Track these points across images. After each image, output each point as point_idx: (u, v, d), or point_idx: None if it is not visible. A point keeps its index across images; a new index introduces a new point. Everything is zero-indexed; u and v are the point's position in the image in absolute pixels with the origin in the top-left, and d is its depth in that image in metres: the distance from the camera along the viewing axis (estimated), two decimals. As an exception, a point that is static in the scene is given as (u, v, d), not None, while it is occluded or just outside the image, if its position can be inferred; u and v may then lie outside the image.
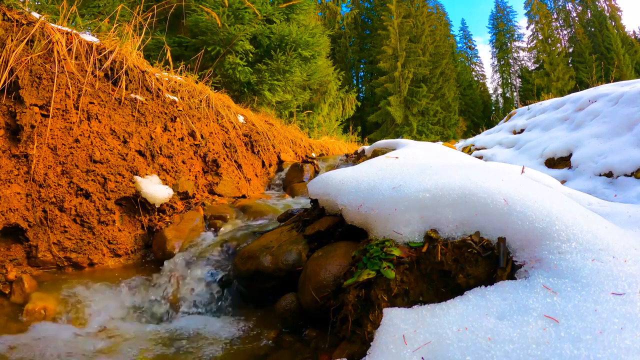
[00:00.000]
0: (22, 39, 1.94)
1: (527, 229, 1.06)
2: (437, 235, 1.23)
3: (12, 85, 1.88)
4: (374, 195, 1.44)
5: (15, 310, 1.61)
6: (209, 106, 3.26)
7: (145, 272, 1.98)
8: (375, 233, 1.36)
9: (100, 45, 2.37)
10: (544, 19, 33.00)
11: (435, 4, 33.98)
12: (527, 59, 36.65)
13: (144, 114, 2.47)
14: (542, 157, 4.17)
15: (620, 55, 26.64)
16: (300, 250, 1.69)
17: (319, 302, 1.37)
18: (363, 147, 4.47)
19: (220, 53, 4.63)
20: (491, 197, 1.18)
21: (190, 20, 4.62)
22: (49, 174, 1.93)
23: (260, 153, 3.76)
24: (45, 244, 1.88)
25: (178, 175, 2.57)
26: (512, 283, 0.99)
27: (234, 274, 1.80)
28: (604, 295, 0.84)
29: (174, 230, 2.17)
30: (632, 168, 3.00)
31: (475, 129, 24.29)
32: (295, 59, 5.36)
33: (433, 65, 26.53)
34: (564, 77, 27.75)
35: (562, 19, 34.94)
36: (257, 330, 1.53)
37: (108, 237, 2.09)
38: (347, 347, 1.16)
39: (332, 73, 10.25)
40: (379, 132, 24.27)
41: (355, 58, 30.59)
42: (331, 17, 22.09)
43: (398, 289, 1.18)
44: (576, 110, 4.59)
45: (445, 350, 0.84)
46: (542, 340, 0.78)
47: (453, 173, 1.43)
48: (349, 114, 11.65)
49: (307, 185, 1.98)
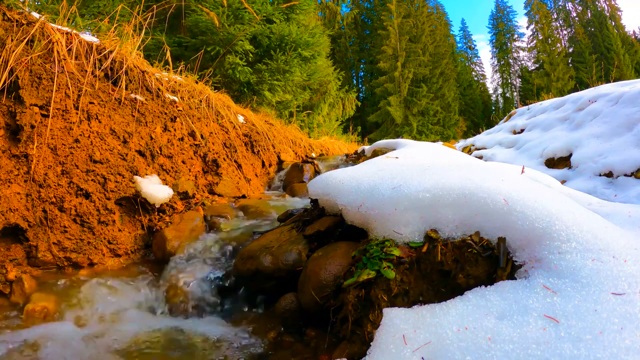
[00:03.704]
0: (22, 39, 1.94)
1: (527, 229, 1.06)
2: (437, 235, 1.23)
3: (12, 85, 1.88)
4: (374, 195, 1.43)
5: (15, 311, 1.61)
6: (209, 106, 3.26)
7: (145, 272, 1.98)
8: (375, 233, 1.36)
9: (100, 45, 2.37)
10: (544, 19, 33.00)
11: (435, 4, 34.03)
12: (527, 59, 36.70)
13: (144, 114, 2.47)
14: (542, 157, 4.17)
15: (620, 55, 26.64)
16: (300, 250, 1.69)
17: (319, 302, 1.37)
18: (363, 147, 4.47)
19: (220, 53, 4.63)
20: (491, 197, 1.18)
21: (190, 20, 4.62)
22: (49, 174, 1.93)
23: (260, 153, 3.76)
24: (45, 244, 1.88)
25: (178, 175, 2.57)
26: (512, 283, 0.99)
27: (234, 274, 1.80)
28: (604, 295, 0.84)
29: (174, 230, 2.17)
30: (632, 168, 3.00)
31: (475, 129, 24.30)
32: (295, 59, 5.36)
33: (433, 65, 26.52)
34: (564, 77, 27.76)
35: (562, 19, 34.94)
36: (257, 330, 1.53)
37: (108, 237, 2.09)
38: (347, 347, 1.16)
39: (332, 73, 10.25)
40: (379, 132, 24.27)
41: (355, 58, 30.58)
42: (331, 17, 22.09)
43: (398, 289, 1.18)
44: (576, 110, 4.59)
45: (445, 350, 0.84)
46: (542, 340, 0.78)
47: (453, 173, 1.43)
48: (349, 114, 11.65)
49: (307, 185, 1.98)
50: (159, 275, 1.92)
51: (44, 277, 1.84)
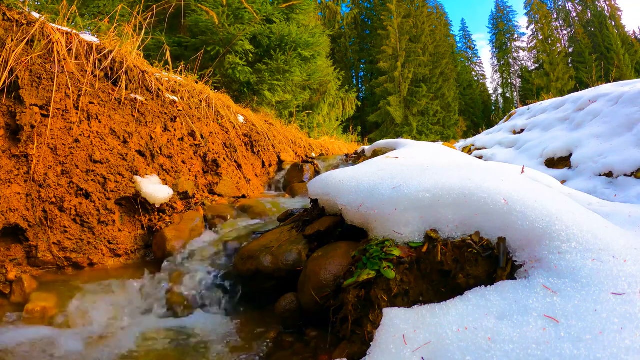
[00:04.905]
0: (22, 39, 1.94)
1: (527, 229, 1.06)
2: (437, 235, 1.23)
3: (12, 85, 1.88)
4: (374, 195, 1.43)
5: (15, 311, 1.61)
6: (209, 106, 3.26)
7: (146, 272, 1.97)
8: (375, 233, 1.36)
9: (100, 45, 2.37)
10: (544, 19, 33.00)
11: (435, 4, 34.02)
12: (527, 59, 36.69)
13: (144, 114, 2.47)
14: (542, 157, 4.17)
15: (620, 55, 26.63)
16: (300, 250, 1.69)
17: (319, 302, 1.37)
18: (363, 147, 4.48)
19: (220, 53, 4.63)
20: (491, 197, 1.18)
21: (190, 20, 4.62)
22: (49, 174, 1.93)
23: (260, 153, 3.76)
24: (45, 244, 1.88)
25: (178, 175, 2.57)
26: (512, 283, 0.99)
27: (234, 273, 1.80)
28: (604, 295, 0.84)
29: (174, 230, 2.17)
30: (632, 168, 3.00)
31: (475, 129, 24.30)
32: (295, 59, 5.36)
33: (433, 65, 26.52)
34: (564, 77, 27.76)
35: (562, 19, 34.94)
36: (257, 330, 1.53)
37: (108, 237, 2.09)
38: (347, 347, 1.16)
39: (332, 73, 10.25)
40: (379, 132, 24.27)
41: (355, 58, 30.57)
42: (331, 17, 22.10)
43: (398, 289, 1.18)
44: (576, 110, 4.59)
45: (445, 350, 0.84)
46: (542, 340, 0.78)
47: (453, 173, 1.43)
48: (349, 114, 11.65)
49: (307, 185, 1.98)
50: (159, 275, 1.92)
51: (44, 277, 1.84)
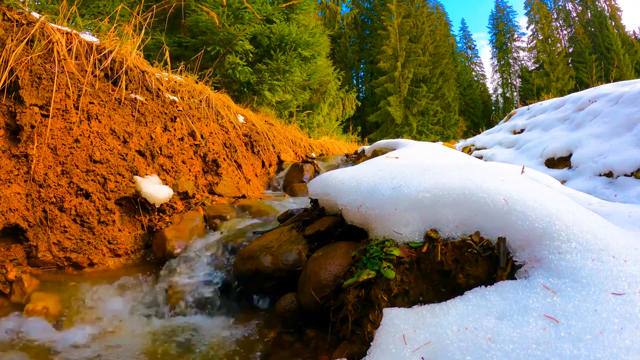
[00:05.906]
0: (22, 39, 1.94)
1: (527, 229, 1.06)
2: (437, 235, 1.23)
3: (12, 85, 1.88)
4: (374, 195, 1.43)
5: (15, 310, 1.61)
6: (209, 106, 3.26)
7: (146, 272, 1.98)
8: (375, 233, 1.36)
9: (100, 45, 2.37)
10: (544, 19, 33.00)
11: (435, 4, 34.01)
12: (527, 59, 36.69)
13: (144, 114, 2.47)
14: (542, 157, 4.16)
15: (620, 55, 26.63)
16: (300, 250, 1.69)
17: (319, 302, 1.37)
18: (363, 147, 4.48)
19: (220, 53, 4.63)
20: (491, 197, 1.18)
21: (190, 20, 4.62)
22: (49, 174, 1.93)
23: (260, 153, 3.76)
24: (45, 244, 1.88)
25: (178, 175, 2.57)
26: (512, 283, 0.99)
27: (234, 273, 1.80)
28: (604, 295, 0.84)
29: (174, 230, 2.17)
30: (632, 168, 3.00)
31: (475, 129, 24.30)
32: (295, 59, 5.36)
33: (433, 65, 26.51)
34: (564, 77, 27.76)
35: (562, 19, 34.93)
36: (257, 330, 1.53)
37: (108, 237, 2.09)
38: (347, 347, 1.16)
39: (332, 73, 10.25)
40: (379, 132, 24.26)
41: (355, 58, 30.57)
42: (331, 17, 22.11)
43: (398, 289, 1.18)
44: (576, 110, 4.59)
45: (445, 350, 0.84)
46: (542, 340, 0.78)
47: (453, 173, 1.43)
48: (349, 114, 11.65)
49: (307, 185, 1.98)
50: (159, 275, 1.92)
51: (44, 277, 1.84)
